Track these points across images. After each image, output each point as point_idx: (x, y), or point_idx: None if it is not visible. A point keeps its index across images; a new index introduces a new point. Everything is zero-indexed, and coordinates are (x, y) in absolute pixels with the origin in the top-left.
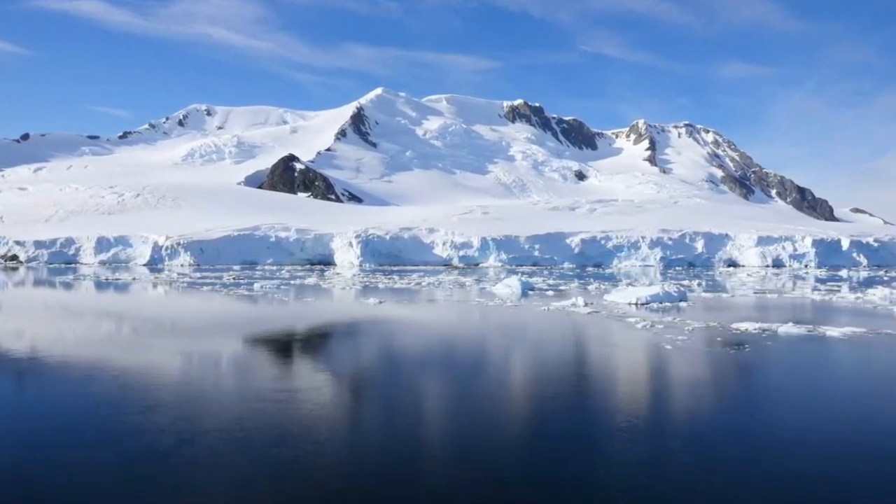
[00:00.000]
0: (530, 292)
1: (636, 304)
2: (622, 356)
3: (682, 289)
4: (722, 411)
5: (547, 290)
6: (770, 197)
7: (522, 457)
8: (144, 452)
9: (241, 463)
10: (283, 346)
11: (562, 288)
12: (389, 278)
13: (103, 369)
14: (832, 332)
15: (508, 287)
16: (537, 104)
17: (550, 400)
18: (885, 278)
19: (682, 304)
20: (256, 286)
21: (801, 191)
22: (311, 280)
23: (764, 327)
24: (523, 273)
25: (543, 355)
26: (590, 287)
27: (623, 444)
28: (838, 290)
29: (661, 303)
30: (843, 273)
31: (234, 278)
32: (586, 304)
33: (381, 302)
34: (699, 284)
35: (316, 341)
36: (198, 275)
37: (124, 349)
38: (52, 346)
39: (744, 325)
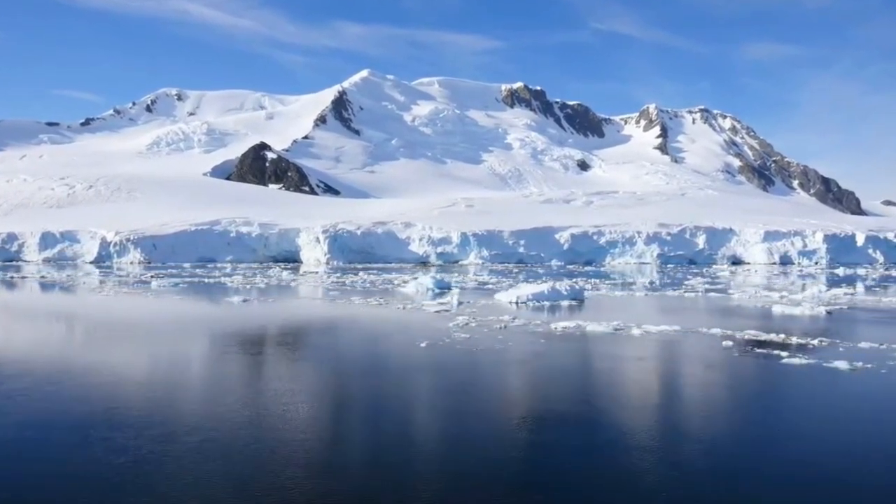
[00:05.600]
0: (441, 290)
1: (516, 302)
2: (362, 349)
3: (577, 287)
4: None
5: (464, 287)
6: (791, 188)
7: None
8: None
9: None
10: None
11: (488, 287)
12: (329, 277)
13: None
14: (637, 331)
15: (421, 285)
16: (538, 88)
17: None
18: (866, 274)
19: (566, 303)
20: (154, 284)
21: (826, 182)
22: (234, 279)
23: (581, 325)
24: (498, 272)
25: (292, 348)
26: (520, 286)
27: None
28: (790, 290)
29: (540, 301)
30: (841, 271)
31: (152, 276)
32: (460, 304)
33: (245, 300)
34: (650, 283)
35: (108, 343)
36: (125, 272)
37: None
38: None
39: (562, 324)
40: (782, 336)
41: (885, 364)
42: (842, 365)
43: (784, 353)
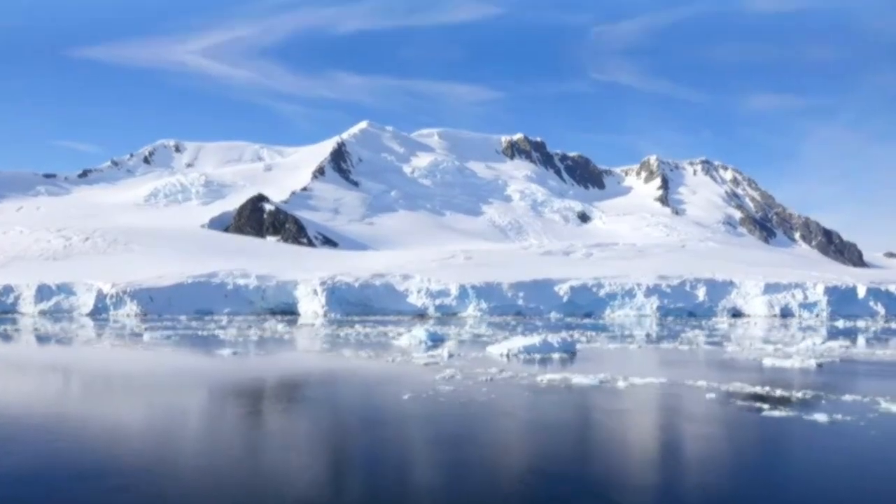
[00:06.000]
0: (434, 343)
1: (507, 355)
2: (340, 395)
3: (568, 340)
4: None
5: (460, 339)
6: (793, 240)
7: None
8: None
9: None
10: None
11: (483, 339)
12: (324, 329)
13: None
14: (623, 383)
15: (414, 338)
16: (539, 139)
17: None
18: (866, 327)
19: (557, 355)
20: (146, 337)
21: (828, 233)
22: (227, 331)
23: (567, 378)
24: (496, 324)
25: (263, 400)
26: (512, 338)
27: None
28: (785, 342)
29: (531, 354)
30: (841, 323)
31: (146, 328)
32: (450, 356)
33: (235, 353)
34: (647, 335)
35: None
36: (120, 325)
37: None
38: None
39: (549, 377)
40: (767, 389)
41: (864, 417)
42: (821, 418)
43: (766, 406)
